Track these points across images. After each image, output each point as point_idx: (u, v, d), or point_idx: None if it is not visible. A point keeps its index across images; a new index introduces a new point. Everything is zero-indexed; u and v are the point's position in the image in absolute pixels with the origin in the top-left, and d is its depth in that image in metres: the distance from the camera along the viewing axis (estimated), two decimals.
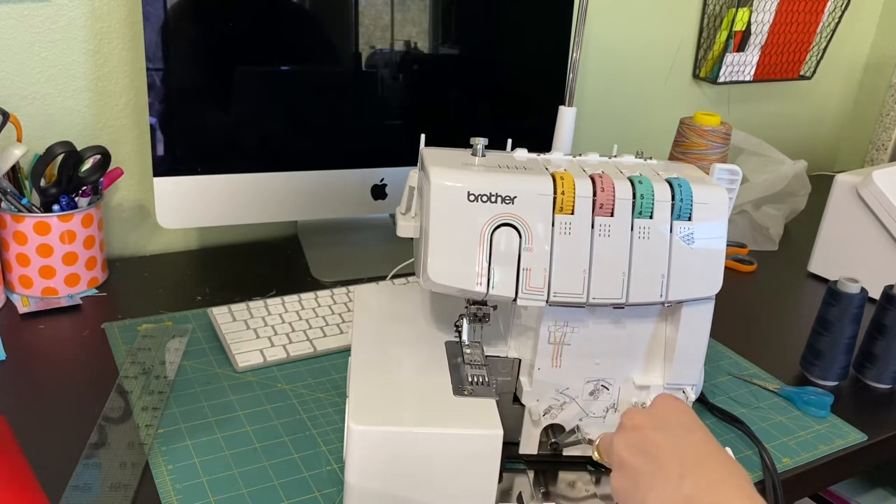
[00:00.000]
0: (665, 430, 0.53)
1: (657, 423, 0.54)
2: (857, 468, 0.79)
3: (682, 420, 0.54)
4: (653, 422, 0.54)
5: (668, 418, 0.54)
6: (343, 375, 0.79)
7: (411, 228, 0.64)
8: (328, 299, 0.91)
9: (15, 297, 0.90)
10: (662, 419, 0.54)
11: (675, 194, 0.60)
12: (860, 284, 0.83)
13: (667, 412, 0.55)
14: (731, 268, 1.15)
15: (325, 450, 0.69)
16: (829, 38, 1.52)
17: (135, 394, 0.74)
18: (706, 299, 0.63)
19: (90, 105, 0.98)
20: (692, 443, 0.52)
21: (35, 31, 0.92)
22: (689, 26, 1.41)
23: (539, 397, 0.65)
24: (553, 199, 0.59)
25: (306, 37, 0.94)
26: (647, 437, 0.53)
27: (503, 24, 1.05)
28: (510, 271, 0.59)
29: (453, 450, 0.56)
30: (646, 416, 0.55)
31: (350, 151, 1.00)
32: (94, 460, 0.65)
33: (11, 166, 0.86)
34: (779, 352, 0.92)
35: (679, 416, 0.54)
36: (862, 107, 1.75)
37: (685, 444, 0.51)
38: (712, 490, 0.48)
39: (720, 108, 1.52)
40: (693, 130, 1.09)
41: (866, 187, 1.05)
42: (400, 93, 1.01)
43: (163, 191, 0.91)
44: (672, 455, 0.51)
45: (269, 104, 0.94)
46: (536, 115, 1.07)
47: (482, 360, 0.64)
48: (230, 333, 0.83)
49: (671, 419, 0.54)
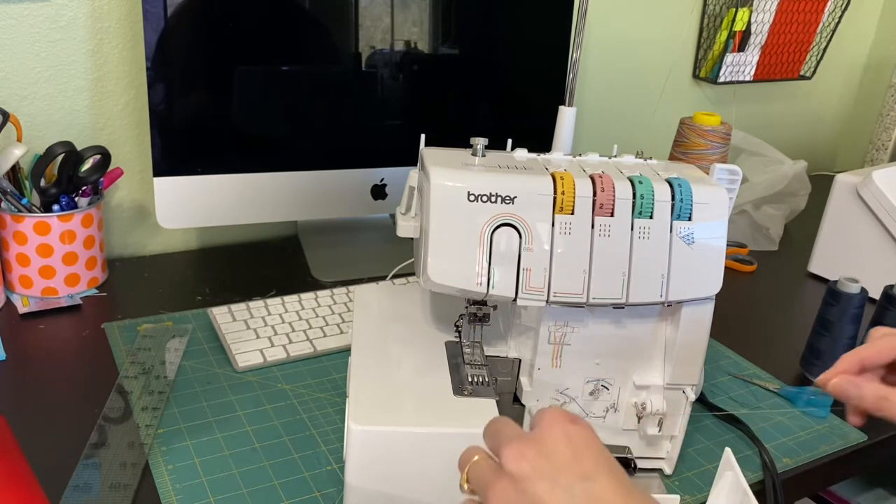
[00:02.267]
0: (556, 480, 0.41)
1: (546, 471, 0.41)
2: (857, 468, 0.79)
3: (580, 460, 0.41)
4: (540, 468, 0.41)
5: (560, 461, 0.41)
6: (343, 375, 0.79)
7: (411, 228, 0.64)
8: (328, 299, 0.91)
9: (15, 297, 0.90)
10: (553, 463, 0.41)
11: (675, 194, 0.60)
12: (860, 284, 0.83)
13: (557, 448, 0.42)
14: (731, 268, 1.15)
15: (325, 450, 0.69)
16: (829, 38, 1.52)
17: (135, 394, 0.74)
18: (706, 299, 0.63)
19: (90, 105, 0.98)
20: (592, 495, 0.40)
21: (35, 31, 0.92)
22: (689, 26, 1.41)
23: (539, 397, 0.65)
24: (553, 199, 0.59)
25: (306, 37, 0.94)
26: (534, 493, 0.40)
27: (503, 24, 1.05)
28: (510, 271, 0.59)
29: (453, 450, 0.56)
30: (532, 457, 0.42)
31: (350, 151, 1.00)
32: (94, 460, 0.65)
33: (11, 166, 0.86)
34: (779, 352, 0.92)
35: (575, 453, 0.42)
36: (862, 107, 1.75)
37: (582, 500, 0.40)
38: None
39: (720, 108, 1.52)
40: (693, 130, 1.09)
41: (866, 187, 1.05)
42: (400, 93, 1.01)
43: (163, 191, 0.91)
44: None
45: (269, 104, 0.94)
46: (536, 115, 1.07)
47: (482, 360, 0.64)
48: (230, 333, 0.83)
49: (564, 462, 0.41)
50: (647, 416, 0.65)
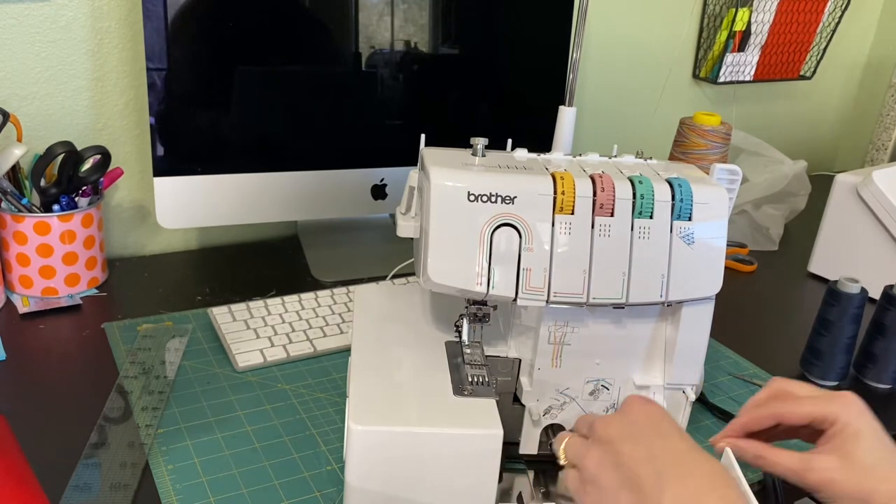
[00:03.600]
0: (637, 439, 0.50)
1: (629, 434, 0.51)
2: None
3: (656, 426, 0.51)
4: (624, 432, 0.51)
5: (640, 425, 0.51)
6: (343, 375, 0.79)
7: (411, 228, 0.64)
8: (328, 299, 0.91)
9: (15, 297, 0.90)
10: (634, 427, 0.51)
11: (675, 194, 0.60)
12: (860, 284, 0.83)
13: (638, 418, 0.52)
14: (731, 268, 1.15)
15: (325, 450, 0.69)
16: (829, 38, 1.52)
17: (135, 394, 0.74)
18: (706, 299, 0.63)
19: (90, 105, 0.98)
20: (668, 450, 0.49)
21: (35, 31, 0.92)
22: (689, 26, 1.41)
23: (539, 397, 0.65)
24: (553, 199, 0.59)
25: (306, 37, 0.94)
26: (620, 451, 0.50)
27: (503, 24, 1.05)
28: (510, 271, 0.59)
29: (453, 450, 0.56)
30: (617, 425, 0.52)
31: (350, 151, 1.00)
32: (94, 460, 0.65)
33: (11, 166, 0.86)
34: (779, 352, 0.92)
35: (652, 421, 0.52)
36: (862, 107, 1.75)
37: (660, 453, 0.48)
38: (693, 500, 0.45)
39: (720, 108, 1.52)
40: (693, 130, 1.09)
41: (866, 187, 1.05)
42: (400, 93, 1.01)
43: (163, 191, 0.91)
44: (648, 468, 0.48)
45: (269, 104, 0.94)
46: (536, 115, 1.07)
47: (482, 360, 0.63)
48: (230, 333, 0.83)
49: (644, 426, 0.51)
50: None
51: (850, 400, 0.50)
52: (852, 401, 0.50)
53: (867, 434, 0.48)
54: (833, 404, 0.50)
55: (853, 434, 0.48)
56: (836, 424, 0.49)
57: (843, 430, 0.49)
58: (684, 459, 0.48)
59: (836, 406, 0.50)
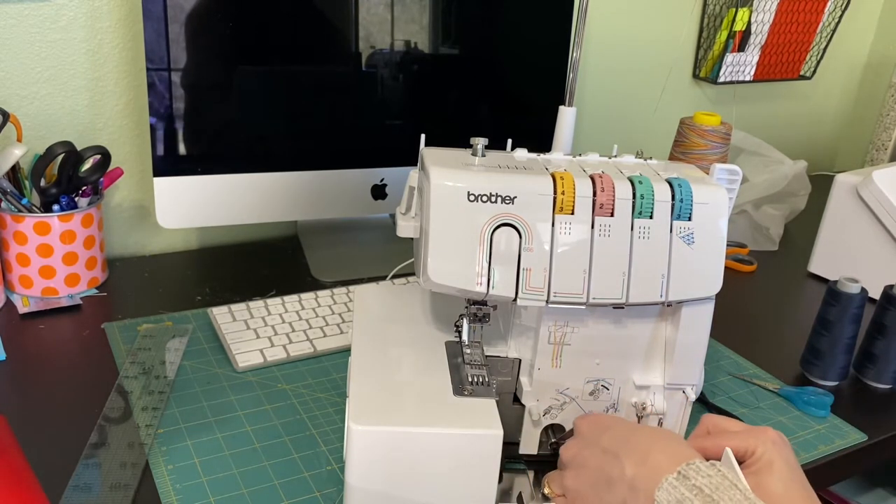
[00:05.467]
0: (589, 442, 0.57)
1: (584, 443, 0.57)
2: (857, 468, 0.79)
3: (601, 426, 0.57)
4: (580, 444, 0.58)
5: (587, 433, 0.58)
6: (343, 375, 0.79)
7: (411, 228, 0.64)
8: (328, 299, 0.91)
9: (15, 297, 0.90)
10: (584, 437, 0.58)
11: (675, 194, 0.60)
12: (860, 284, 0.83)
13: (584, 429, 0.59)
14: (731, 268, 1.15)
15: (325, 450, 0.69)
16: (829, 38, 1.52)
17: (135, 394, 0.74)
18: (706, 299, 0.63)
19: (90, 105, 0.98)
20: (615, 436, 0.55)
21: (35, 31, 0.92)
22: (689, 26, 1.41)
23: (539, 397, 0.65)
24: (553, 199, 0.59)
25: (306, 37, 0.94)
26: (584, 460, 0.56)
27: (503, 24, 1.05)
28: (510, 271, 0.59)
29: (453, 450, 0.56)
30: (573, 444, 0.59)
31: (350, 151, 1.00)
32: (94, 460, 0.65)
33: (11, 166, 0.86)
34: (779, 352, 0.92)
35: (596, 426, 0.58)
36: (862, 107, 1.75)
37: (607, 443, 0.55)
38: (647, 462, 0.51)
39: (720, 108, 1.52)
40: (693, 130, 1.09)
41: (866, 187, 1.05)
42: (400, 93, 1.01)
43: (163, 191, 0.91)
44: (605, 458, 0.54)
45: (269, 104, 0.94)
46: (536, 115, 1.07)
47: (482, 360, 0.63)
48: (230, 333, 0.83)
49: (590, 431, 0.58)
50: (647, 416, 0.65)
51: (769, 434, 0.54)
52: (770, 435, 0.54)
53: (779, 464, 0.52)
54: (751, 438, 0.54)
55: (767, 464, 0.52)
56: (754, 455, 0.53)
57: (758, 461, 0.52)
58: (628, 436, 0.55)
59: (754, 439, 0.53)
